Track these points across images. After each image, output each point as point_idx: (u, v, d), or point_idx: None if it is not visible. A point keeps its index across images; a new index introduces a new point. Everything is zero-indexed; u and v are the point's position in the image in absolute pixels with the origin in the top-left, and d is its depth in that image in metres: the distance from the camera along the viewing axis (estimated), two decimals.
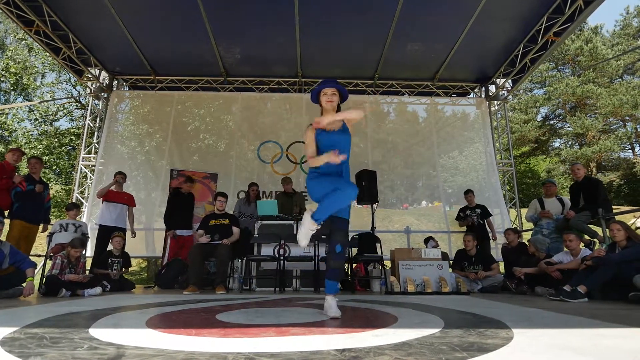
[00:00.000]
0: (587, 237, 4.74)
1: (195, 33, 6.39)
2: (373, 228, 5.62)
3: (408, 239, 7.05)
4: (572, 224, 4.71)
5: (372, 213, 5.72)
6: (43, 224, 5.03)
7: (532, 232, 5.38)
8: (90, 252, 5.80)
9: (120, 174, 5.71)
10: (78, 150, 8.14)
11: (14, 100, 14.95)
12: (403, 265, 4.50)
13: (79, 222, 5.30)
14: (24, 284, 3.70)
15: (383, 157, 8.15)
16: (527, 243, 5.08)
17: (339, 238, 2.28)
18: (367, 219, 6.24)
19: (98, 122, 7.70)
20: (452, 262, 5.44)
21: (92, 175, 7.33)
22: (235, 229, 4.82)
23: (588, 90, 19.70)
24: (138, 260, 11.93)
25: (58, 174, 14.34)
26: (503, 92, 8.00)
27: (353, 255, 5.07)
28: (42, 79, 15.04)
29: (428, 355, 1.21)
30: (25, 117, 14.25)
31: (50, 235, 4.96)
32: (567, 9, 5.55)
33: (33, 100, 14.41)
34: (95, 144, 7.57)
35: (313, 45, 6.78)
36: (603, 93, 19.45)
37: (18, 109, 13.99)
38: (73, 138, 13.40)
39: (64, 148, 13.40)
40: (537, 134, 22.10)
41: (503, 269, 5.28)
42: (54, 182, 14.08)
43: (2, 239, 3.90)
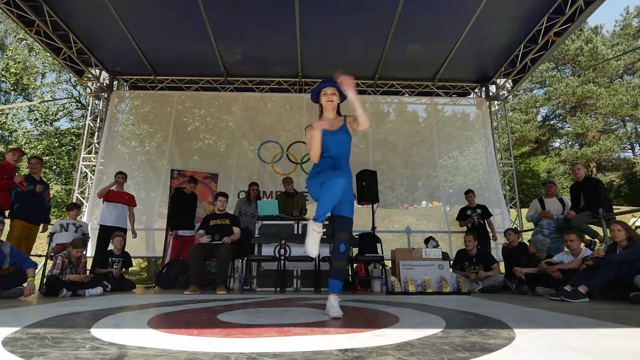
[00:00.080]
0: (587, 237, 4.74)
1: (196, 33, 6.39)
2: (374, 228, 5.62)
3: (408, 239, 7.05)
4: (572, 224, 4.71)
5: (372, 213, 5.72)
6: (43, 224, 5.03)
7: (532, 232, 5.38)
8: (91, 252, 5.81)
9: (121, 174, 5.71)
10: (78, 150, 8.14)
11: (14, 101, 14.95)
12: (404, 266, 4.50)
13: (80, 222, 5.30)
14: (25, 284, 3.71)
15: (383, 157, 8.15)
16: (527, 243, 5.08)
17: (343, 237, 2.28)
18: (367, 219, 6.24)
19: (98, 122, 7.70)
20: (452, 262, 5.44)
21: (92, 176, 7.32)
22: (236, 229, 4.82)
23: (588, 91, 19.72)
24: (138, 261, 11.93)
25: (58, 174, 14.33)
26: (503, 92, 8.00)
27: (354, 256, 5.07)
28: (42, 79, 15.04)
29: (430, 355, 1.21)
30: (26, 117, 14.25)
31: (51, 235, 4.96)
32: (567, 9, 5.56)
33: (33, 101, 14.40)
34: (96, 144, 7.57)
35: (313, 46, 6.78)
36: (603, 93, 19.46)
37: (18, 109, 13.98)
38: (73, 138, 13.40)
39: (64, 148, 13.40)
40: (537, 134, 22.12)
41: (503, 269, 5.28)
42: (54, 182, 14.07)
43: (2, 239, 3.90)
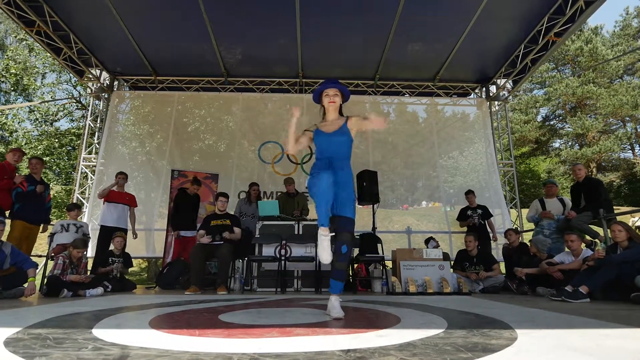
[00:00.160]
0: (588, 237, 4.74)
1: (196, 33, 6.39)
2: (374, 228, 5.62)
3: (409, 240, 7.05)
4: (573, 225, 4.71)
5: (373, 213, 5.72)
6: (43, 225, 5.03)
7: (533, 232, 5.38)
8: (91, 252, 5.80)
9: (122, 174, 5.70)
10: (79, 151, 8.14)
11: (14, 101, 14.94)
12: (404, 266, 4.50)
13: (80, 222, 5.29)
14: (26, 284, 3.71)
15: (383, 157, 8.15)
16: (528, 243, 5.08)
17: (344, 238, 2.27)
18: (367, 220, 6.23)
19: (99, 122, 7.70)
20: (453, 262, 5.44)
21: (92, 176, 7.32)
22: (237, 229, 4.82)
23: (588, 91, 19.73)
24: (138, 261, 11.93)
25: (58, 175, 14.33)
26: (504, 92, 7.99)
27: (354, 256, 5.07)
28: (42, 80, 15.03)
29: (433, 356, 1.21)
30: (26, 117, 14.25)
31: (52, 236, 4.96)
32: (568, 10, 5.56)
33: (33, 101, 14.40)
34: (96, 145, 7.57)
35: (314, 46, 6.78)
36: (603, 93, 19.47)
37: (18, 110, 13.98)
38: (73, 138, 13.40)
39: (65, 148, 13.40)
40: (537, 135, 22.13)
41: (504, 270, 5.28)
42: (54, 182, 14.07)
43: (3, 240, 3.90)
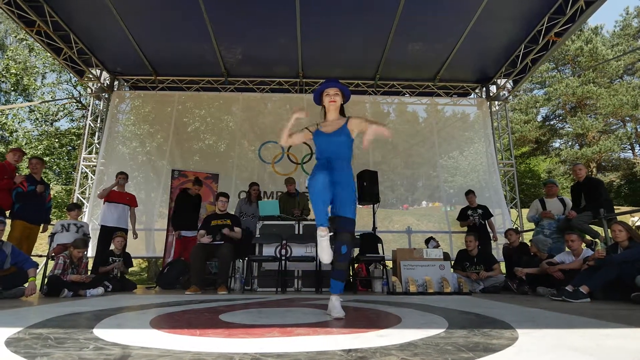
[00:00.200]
0: (588, 237, 4.74)
1: (197, 33, 6.39)
2: (374, 228, 5.62)
3: (409, 239, 7.05)
4: (573, 225, 4.71)
5: (373, 213, 5.71)
6: (43, 225, 5.03)
7: (533, 232, 5.38)
8: (92, 252, 5.80)
9: (122, 174, 5.70)
10: (79, 151, 8.14)
11: (15, 101, 14.94)
12: (405, 266, 4.50)
13: (81, 222, 5.29)
14: (26, 284, 3.71)
15: (383, 157, 8.15)
16: (528, 243, 5.08)
17: (344, 238, 2.27)
18: (367, 219, 6.23)
19: (99, 122, 7.70)
20: (453, 262, 5.44)
21: (93, 176, 7.32)
22: (237, 229, 4.82)
23: (588, 91, 19.73)
24: (138, 261, 11.93)
25: (58, 175, 14.33)
26: (504, 92, 7.99)
27: (355, 256, 5.07)
28: (42, 80, 15.03)
29: (434, 356, 1.21)
30: (26, 117, 14.25)
31: (52, 236, 4.96)
32: (568, 10, 5.56)
33: (33, 101, 14.41)
34: (96, 144, 7.57)
35: (314, 46, 6.78)
36: (603, 93, 19.48)
37: (19, 110, 13.99)
38: (73, 138, 13.40)
39: (65, 148, 13.40)
40: (537, 135, 22.14)
41: (504, 270, 5.28)
42: (54, 182, 14.07)
43: (3, 240, 3.90)
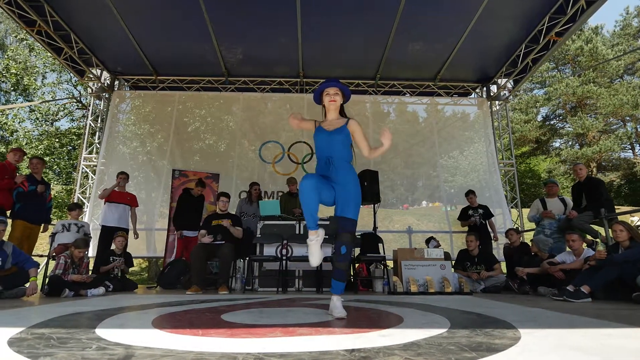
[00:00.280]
0: (589, 237, 4.74)
1: (197, 33, 6.39)
2: (375, 228, 5.62)
3: (410, 239, 7.05)
4: (574, 224, 4.71)
5: (374, 213, 5.72)
6: (44, 224, 5.03)
7: (534, 232, 5.38)
8: (92, 252, 5.80)
9: (123, 174, 5.70)
10: (79, 150, 8.14)
11: (15, 101, 14.94)
12: (406, 266, 4.50)
13: (81, 222, 5.29)
14: (27, 284, 3.71)
15: (383, 157, 8.13)
16: (529, 243, 5.09)
17: (344, 239, 2.28)
18: (368, 219, 6.24)
19: (99, 122, 7.70)
20: (454, 262, 5.44)
21: (93, 176, 7.32)
22: (238, 228, 4.82)
23: (588, 91, 19.74)
24: (139, 261, 11.93)
25: (58, 174, 14.33)
26: (504, 92, 7.99)
27: (356, 255, 5.07)
28: (42, 80, 15.01)
29: (437, 356, 1.21)
30: (26, 117, 14.24)
31: (53, 236, 4.96)
32: (569, 9, 5.56)
33: (34, 101, 14.40)
34: (97, 144, 7.57)
35: (315, 46, 6.78)
36: (603, 93, 19.48)
37: (19, 110, 13.98)
38: (74, 138, 13.39)
39: (65, 148, 13.39)
40: (537, 134, 22.15)
41: (505, 269, 5.28)
42: (55, 182, 14.07)
43: (4, 239, 3.90)
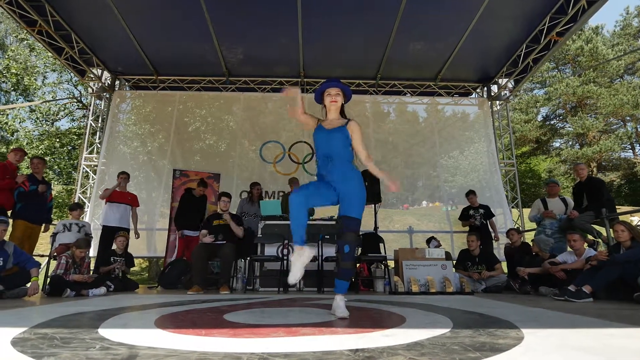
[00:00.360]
0: (590, 237, 4.74)
1: (198, 33, 6.38)
2: (376, 228, 5.62)
3: (411, 239, 7.05)
4: (575, 224, 4.71)
5: (374, 213, 5.72)
6: (45, 224, 5.03)
7: (535, 232, 5.38)
8: (94, 252, 5.80)
9: (123, 174, 5.70)
10: (80, 150, 8.14)
11: (15, 101, 14.94)
12: (407, 265, 4.50)
13: (82, 222, 5.29)
14: (28, 284, 3.71)
15: (383, 157, 8.14)
16: (530, 243, 5.08)
17: (347, 238, 2.28)
18: (368, 219, 6.23)
19: (100, 122, 7.69)
20: (455, 262, 5.44)
21: (94, 175, 7.32)
22: (239, 227, 4.82)
23: (588, 91, 19.74)
24: (139, 260, 11.92)
25: (59, 174, 14.33)
26: (505, 92, 7.99)
27: (356, 255, 5.07)
28: (43, 80, 15.01)
29: (441, 356, 1.21)
30: (27, 117, 14.25)
31: (54, 235, 4.96)
32: (570, 9, 5.56)
33: (34, 101, 14.40)
34: (98, 144, 7.57)
35: (315, 46, 6.77)
36: (604, 93, 19.48)
37: (19, 110, 13.98)
38: (74, 138, 13.39)
39: (65, 148, 13.39)
40: (537, 134, 22.15)
41: (506, 269, 5.28)
42: (55, 182, 14.07)
43: (5, 239, 3.90)
